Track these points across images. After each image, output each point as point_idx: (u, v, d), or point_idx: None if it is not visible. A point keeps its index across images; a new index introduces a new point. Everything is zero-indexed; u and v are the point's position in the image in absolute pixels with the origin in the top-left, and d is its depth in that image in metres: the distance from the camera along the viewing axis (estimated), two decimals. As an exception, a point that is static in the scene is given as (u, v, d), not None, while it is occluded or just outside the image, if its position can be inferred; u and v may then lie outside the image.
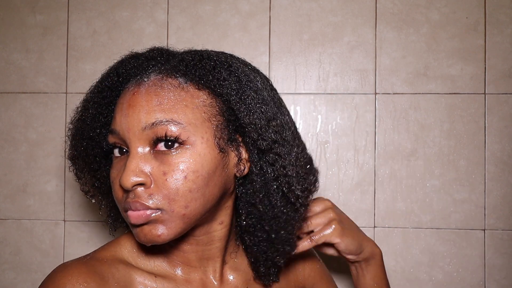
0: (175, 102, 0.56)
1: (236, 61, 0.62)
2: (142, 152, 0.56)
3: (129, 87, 0.59)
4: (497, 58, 1.03)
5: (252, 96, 0.58)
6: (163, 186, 0.55)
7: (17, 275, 1.10)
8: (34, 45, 1.10)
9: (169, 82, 0.58)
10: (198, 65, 0.59)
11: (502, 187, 1.02)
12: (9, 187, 1.10)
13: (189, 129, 0.56)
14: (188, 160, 0.55)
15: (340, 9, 1.06)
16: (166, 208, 0.55)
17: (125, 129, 0.57)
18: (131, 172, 0.55)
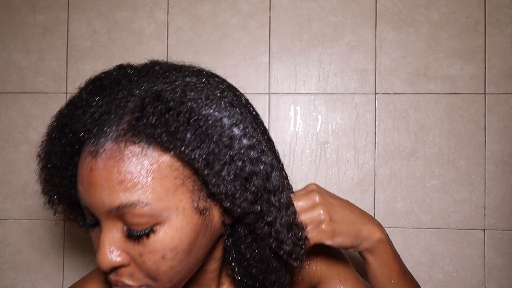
0: (139, 176, 0.48)
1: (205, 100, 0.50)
2: (116, 230, 0.50)
3: (85, 154, 0.50)
4: (497, 58, 1.03)
5: (222, 159, 0.48)
6: (142, 267, 0.51)
7: (17, 275, 1.10)
8: (34, 45, 1.10)
9: (129, 150, 0.48)
10: (160, 123, 0.48)
11: (502, 187, 1.02)
12: (9, 187, 1.10)
13: (160, 206, 0.48)
14: (163, 239, 0.49)
15: (340, 9, 1.06)
16: (150, 285, 0.52)
17: (90, 206, 0.50)
18: (106, 255, 0.50)
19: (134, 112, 0.49)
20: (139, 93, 0.50)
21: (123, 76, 0.53)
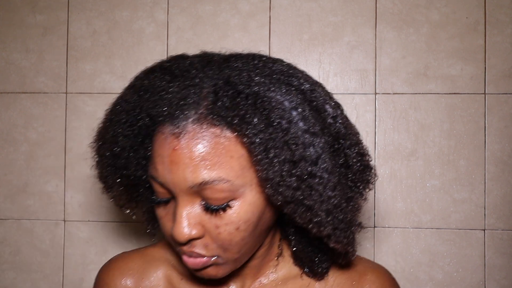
0: (220, 155, 0.52)
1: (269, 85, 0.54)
2: (192, 206, 0.55)
3: (165, 135, 0.54)
4: (497, 58, 1.03)
5: (277, 146, 0.51)
6: (217, 238, 0.55)
7: (17, 275, 1.10)
8: (34, 45, 1.10)
9: (209, 132, 0.52)
10: (234, 108, 0.52)
11: (502, 187, 1.02)
12: (9, 187, 1.10)
13: (237, 183, 0.53)
14: (239, 213, 0.54)
15: (340, 9, 1.06)
16: (221, 255, 0.57)
17: (170, 183, 0.54)
18: (184, 228, 0.54)
19: (209, 96, 0.53)
20: (209, 80, 0.54)
21: (190, 65, 0.57)
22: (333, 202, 0.54)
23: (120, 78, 1.09)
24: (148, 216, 0.70)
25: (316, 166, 0.53)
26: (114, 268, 0.69)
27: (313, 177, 0.53)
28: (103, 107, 1.08)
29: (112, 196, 0.66)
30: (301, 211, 0.54)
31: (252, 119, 0.51)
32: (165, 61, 0.61)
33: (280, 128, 0.51)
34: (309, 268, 0.66)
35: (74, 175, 1.09)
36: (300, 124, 0.53)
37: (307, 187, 0.53)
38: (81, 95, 1.09)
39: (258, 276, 0.67)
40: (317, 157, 0.53)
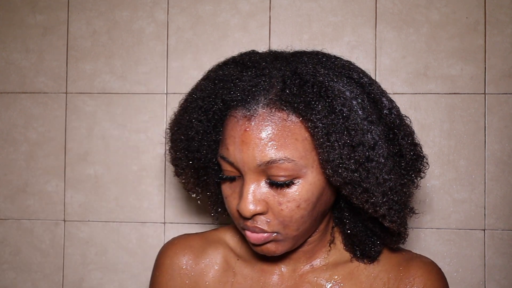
0: (286, 137, 0.58)
1: (333, 76, 0.59)
2: (258, 183, 0.60)
3: (237, 118, 0.60)
4: (497, 58, 1.03)
5: (338, 130, 0.56)
6: (279, 214, 0.60)
7: (17, 275, 1.10)
8: (34, 45, 1.10)
9: (277, 116, 0.58)
10: (301, 95, 0.57)
11: (502, 187, 1.02)
12: (9, 187, 1.10)
13: (301, 163, 0.58)
14: (300, 191, 0.59)
15: (340, 9, 1.06)
16: (281, 232, 0.61)
17: (239, 162, 0.59)
18: (250, 203, 0.59)
19: (278, 85, 0.59)
20: (278, 71, 0.60)
21: (260, 58, 0.64)
22: (389, 184, 0.59)
23: (120, 78, 1.09)
24: (213, 200, 0.76)
25: (373, 151, 0.57)
26: (176, 245, 0.75)
27: (370, 161, 0.57)
28: (103, 107, 1.09)
29: (182, 179, 0.72)
30: (358, 192, 0.58)
31: (317, 105, 0.56)
32: (236, 56, 0.67)
33: (341, 114, 0.56)
34: (361, 251, 0.69)
35: (74, 175, 1.09)
36: (359, 112, 0.58)
37: (365, 170, 0.57)
38: (81, 95, 1.09)
39: (310, 260, 0.70)
40: (374, 143, 0.58)
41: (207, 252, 0.74)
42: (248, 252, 0.73)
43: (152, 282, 0.76)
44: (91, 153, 1.09)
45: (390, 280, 0.67)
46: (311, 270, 0.70)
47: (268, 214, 0.60)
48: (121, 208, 1.08)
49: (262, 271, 0.71)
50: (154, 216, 1.08)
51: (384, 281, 0.68)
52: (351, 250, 0.70)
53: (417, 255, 0.71)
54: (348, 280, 0.68)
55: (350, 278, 0.68)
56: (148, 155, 1.08)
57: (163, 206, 1.08)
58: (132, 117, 1.08)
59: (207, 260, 0.73)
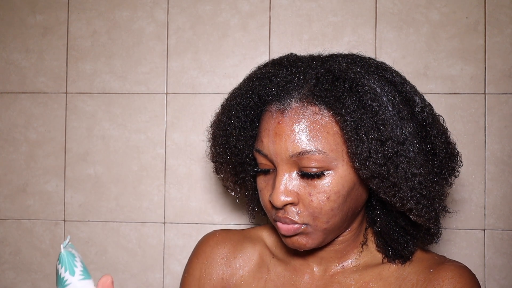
0: (318, 130, 0.60)
1: (365, 74, 0.62)
2: (290, 174, 0.62)
3: (272, 112, 0.63)
4: (497, 58, 1.03)
5: (367, 125, 0.58)
6: (309, 205, 0.61)
7: (17, 275, 1.10)
8: (34, 45, 1.10)
9: (310, 110, 0.61)
10: (332, 90, 0.60)
11: (502, 187, 1.02)
12: (9, 187, 1.10)
13: (331, 156, 0.60)
14: (330, 183, 0.61)
15: (340, 9, 1.06)
16: (311, 223, 0.63)
17: (272, 153, 0.62)
18: (281, 193, 0.61)
19: (311, 81, 0.62)
20: (312, 70, 0.64)
21: (297, 59, 0.68)
22: (418, 179, 0.60)
23: (120, 78, 1.09)
24: (250, 198, 0.78)
25: (402, 146, 0.59)
26: (218, 236, 0.78)
27: (399, 156, 0.59)
28: (103, 107, 1.09)
29: (222, 177, 0.76)
30: (385, 186, 0.59)
31: (347, 100, 0.59)
32: (276, 58, 0.71)
33: (370, 110, 0.58)
34: (393, 251, 0.69)
35: (74, 175, 1.09)
36: (389, 108, 0.60)
37: (393, 165, 0.58)
38: (81, 95, 1.10)
39: (342, 261, 0.71)
40: (404, 139, 0.59)
41: (245, 247, 0.77)
42: (283, 251, 0.75)
43: (189, 268, 0.78)
44: (91, 153, 1.09)
45: (419, 281, 0.66)
46: (342, 270, 0.70)
47: (298, 205, 0.62)
48: (121, 208, 1.08)
49: (294, 270, 0.72)
50: (154, 216, 1.08)
51: (413, 282, 0.67)
52: (383, 251, 0.70)
53: (450, 260, 0.70)
54: (377, 281, 0.68)
55: (379, 279, 0.68)
56: (148, 155, 1.08)
57: (163, 206, 1.08)
58: (132, 117, 1.08)
59: (244, 255, 0.76)
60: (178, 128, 1.08)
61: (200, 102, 1.07)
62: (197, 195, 1.07)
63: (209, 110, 1.07)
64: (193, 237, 1.07)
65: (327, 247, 0.70)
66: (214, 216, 1.07)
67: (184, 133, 1.08)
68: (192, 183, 1.07)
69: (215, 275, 0.75)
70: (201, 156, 1.07)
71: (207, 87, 1.07)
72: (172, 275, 1.07)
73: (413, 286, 0.66)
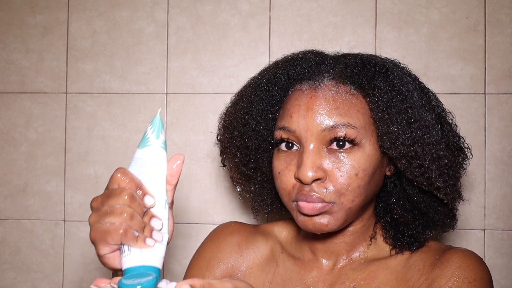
0: (349, 107, 0.62)
1: (390, 64, 0.67)
2: (318, 150, 0.62)
3: (302, 89, 0.65)
4: (497, 58, 1.03)
5: (397, 106, 0.62)
6: (337, 181, 0.61)
7: (17, 275, 1.10)
8: (34, 45, 1.10)
9: (342, 89, 0.64)
10: (362, 72, 0.64)
11: (502, 187, 1.02)
12: (9, 187, 1.10)
13: (361, 133, 0.62)
14: (359, 160, 0.62)
15: (340, 9, 1.06)
16: (336, 201, 0.62)
17: (302, 129, 0.63)
18: (310, 168, 0.61)
19: (342, 65, 0.66)
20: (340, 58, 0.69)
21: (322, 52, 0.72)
22: (444, 160, 0.63)
23: (120, 78, 1.09)
24: (256, 193, 0.78)
25: (428, 130, 0.62)
26: (233, 226, 0.80)
27: (426, 138, 0.62)
28: (103, 107, 1.09)
29: (230, 167, 0.76)
30: (413, 166, 0.61)
31: (379, 82, 0.62)
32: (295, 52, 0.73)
33: (400, 93, 0.62)
34: (407, 238, 0.68)
35: (74, 175, 1.09)
36: (415, 95, 0.64)
37: (420, 147, 0.61)
38: (81, 95, 1.10)
39: (350, 254, 0.71)
40: (430, 124, 0.63)
41: (257, 240, 0.77)
42: (293, 246, 0.75)
43: (200, 250, 0.79)
44: (91, 153, 1.09)
45: (425, 267, 0.66)
46: (349, 263, 0.70)
47: (326, 182, 0.62)
48: (121, 208, 1.08)
49: (303, 264, 0.73)
50: (154, 216, 1.08)
51: (419, 267, 0.67)
52: (392, 242, 0.69)
53: (456, 247, 0.70)
54: (383, 270, 0.68)
55: (385, 268, 0.68)
56: (148, 155, 1.08)
57: (163, 206, 1.08)
58: (132, 117, 1.08)
59: (256, 247, 0.77)
60: (178, 128, 1.08)
61: (200, 102, 1.07)
62: (197, 195, 1.07)
63: (209, 110, 1.07)
64: (193, 237, 1.07)
65: (337, 238, 0.70)
66: (214, 216, 1.07)
67: (184, 133, 1.08)
68: (192, 183, 1.07)
69: (225, 261, 0.76)
70: (201, 156, 1.07)
71: (207, 87, 1.07)
72: (172, 275, 1.07)
73: (419, 271, 0.66)
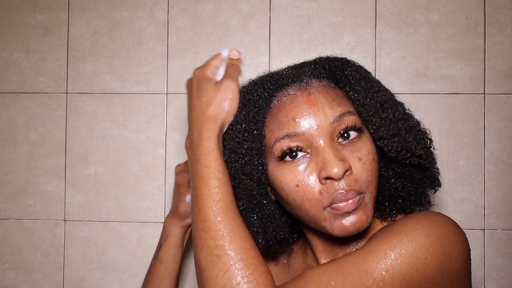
0: (340, 98, 0.63)
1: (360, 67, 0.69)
2: (332, 144, 0.60)
3: (293, 92, 0.64)
4: (497, 58, 1.03)
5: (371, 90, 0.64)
6: (362, 170, 0.60)
7: (17, 275, 1.10)
8: (35, 45, 1.11)
9: (326, 83, 0.65)
10: (333, 66, 0.66)
11: (501, 187, 1.02)
12: (9, 187, 1.10)
13: (359, 119, 0.62)
14: (369, 144, 0.62)
15: (340, 9, 1.06)
16: (366, 191, 0.60)
17: (311, 127, 0.60)
18: (338, 161, 0.58)
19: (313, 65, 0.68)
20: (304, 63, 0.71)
21: None
22: (416, 129, 0.65)
23: (120, 78, 1.09)
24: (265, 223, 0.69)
25: (396, 106, 0.65)
26: None
27: (397, 114, 0.64)
28: (103, 107, 1.09)
29: None
30: (396, 143, 0.62)
31: (350, 72, 0.65)
32: None
33: (368, 79, 0.65)
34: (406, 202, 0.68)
35: (74, 175, 1.09)
36: (382, 84, 0.67)
37: (396, 123, 0.63)
38: (81, 95, 1.10)
39: (345, 249, 0.68)
40: (394, 101, 0.65)
41: None
42: (301, 249, 0.75)
43: None
44: (92, 153, 1.09)
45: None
46: None
47: (353, 174, 0.59)
48: (121, 208, 1.08)
49: (307, 265, 0.72)
50: (154, 216, 1.08)
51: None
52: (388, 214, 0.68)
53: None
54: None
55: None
56: (148, 155, 1.08)
57: (163, 206, 1.08)
58: (132, 117, 1.09)
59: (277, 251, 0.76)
60: (178, 128, 1.08)
61: (200, 102, 1.07)
62: (197, 195, 1.07)
63: (209, 110, 1.07)
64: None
65: None
66: (214, 216, 1.07)
67: (184, 133, 1.08)
68: (192, 183, 1.07)
69: None
70: (201, 156, 1.07)
71: (207, 87, 1.07)
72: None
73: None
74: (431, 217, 0.57)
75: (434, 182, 0.69)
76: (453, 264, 0.54)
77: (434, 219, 0.56)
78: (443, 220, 0.57)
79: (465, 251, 0.56)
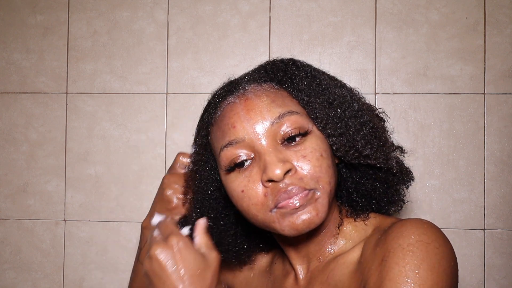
0: (283, 98, 0.63)
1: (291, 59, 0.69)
2: (276, 148, 0.60)
3: (232, 99, 0.64)
4: (497, 58, 1.03)
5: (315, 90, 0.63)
6: (308, 167, 0.60)
7: (17, 275, 1.10)
8: (35, 45, 1.11)
9: (267, 85, 0.65)
10: (275, 68, 0.66)
11: (501, 187, 1.02)
12: (9, 187, 1.10)
13: (304, 117, 0.62)
14: (316, 142, 0.61)
15: (340, 9, 1.06)
16: (316, 187, 0.60)
17: (251, 132, 0.61)
18: (277, 162, 0.59)
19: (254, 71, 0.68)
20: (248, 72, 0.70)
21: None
22: (367, 128, 0.63)
23: (120, 78, 1.09)
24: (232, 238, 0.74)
25: (348, 104, 0.64)
26: None
27: (348, 113, 0.63)
28: (103, 107, 1.09)
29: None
30: (343, 142, 0.62)
31: (293, 72, 0.65)
32: None
33: (314, 77, 0.65)
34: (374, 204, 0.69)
35: (74, 175, 1.09)
36: (326, 76, 0.67)
37: (345, 122, 0.62)
38: (81, 95, 1.10)
39: (319, 253, 0.68)
40: (347, 99, 0.64)
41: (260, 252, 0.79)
42: (281, 257, 0.74)
43: None
44: (92, 153, 1.09)
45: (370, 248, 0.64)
46: (318, 263, 0.67)
47: (297, 172, 0.59)
48: (121, 208, 1.08)
49: (286, 272, 0.72)
50: (154, 216, 1.08)
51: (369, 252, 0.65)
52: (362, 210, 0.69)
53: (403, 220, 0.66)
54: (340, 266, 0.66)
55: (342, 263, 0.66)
56: (148, 155, 1.08)
57: (163, 206, 1.08)
58: (132, 117, 1.09)
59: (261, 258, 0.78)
60: (178, 128, 1.08)
61: (200, 102, 1.07)
62: (197, 195, 1.07)
63: (209, 110, 1.07)
64: (193, 237, 1.07)
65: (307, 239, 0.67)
66: (214, 216, 1.07)
67: (184, 133, 1.08)
68: (192, 183, 1.07)
69: None
70: (201, 156, 1.07)
71: (207, 87, 1.07)
72: None
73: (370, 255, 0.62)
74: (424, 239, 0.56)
75: (405, 178, 0.68)
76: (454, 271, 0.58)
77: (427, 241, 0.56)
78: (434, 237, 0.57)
79: (455, 258, 0.58)
